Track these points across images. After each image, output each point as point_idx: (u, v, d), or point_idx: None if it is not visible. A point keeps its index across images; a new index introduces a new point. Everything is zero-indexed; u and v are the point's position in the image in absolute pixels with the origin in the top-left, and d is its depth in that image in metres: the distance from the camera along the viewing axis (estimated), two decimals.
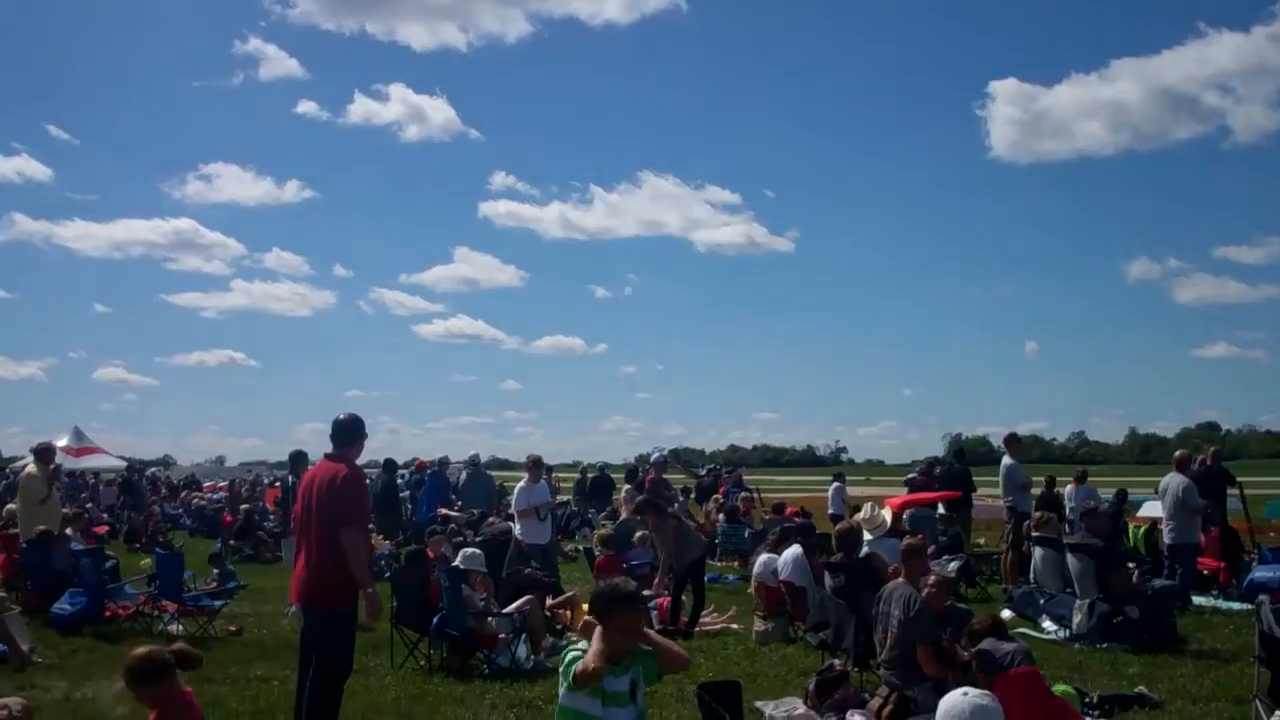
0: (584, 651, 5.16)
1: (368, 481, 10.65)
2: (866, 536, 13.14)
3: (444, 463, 28.97)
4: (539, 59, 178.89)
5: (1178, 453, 17.46)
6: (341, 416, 8.63)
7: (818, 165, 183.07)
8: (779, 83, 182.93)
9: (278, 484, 31.45)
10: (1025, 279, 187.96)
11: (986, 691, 4.54)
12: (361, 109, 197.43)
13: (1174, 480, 16.36)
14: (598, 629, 5.15)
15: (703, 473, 35.47)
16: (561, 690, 5.24)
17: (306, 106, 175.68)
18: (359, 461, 8.80)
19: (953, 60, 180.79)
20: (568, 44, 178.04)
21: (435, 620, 11.82)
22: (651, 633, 5.55)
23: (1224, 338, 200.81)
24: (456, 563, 12.25)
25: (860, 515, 14.41)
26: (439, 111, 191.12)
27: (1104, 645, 12.42)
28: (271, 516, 27.79)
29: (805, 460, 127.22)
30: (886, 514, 14.76)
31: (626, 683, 5.24)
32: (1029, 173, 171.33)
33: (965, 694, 4.51)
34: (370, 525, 14.81)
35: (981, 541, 22.80)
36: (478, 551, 13.12)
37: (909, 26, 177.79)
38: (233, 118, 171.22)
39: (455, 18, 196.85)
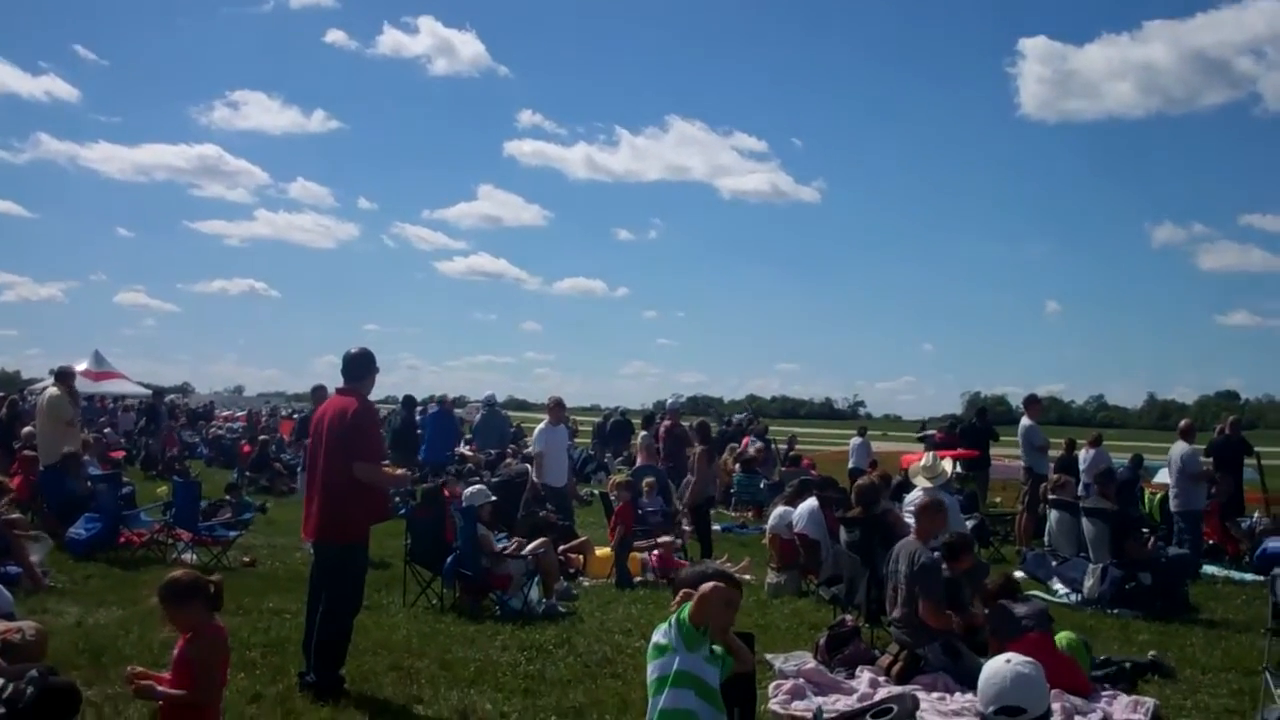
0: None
1: (383, 416, 10.63)
2: (925, 483, 12.99)
3: (456, 402, 28.98)
4: None
5: (1183, 421, 17.90)
6: (352, 350, 8.62)
7: (846, 116, 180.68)
8: (809, 33, 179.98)
9: (295, 415, 31.48)
10: (1049, 239, 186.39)
11: (1030, 659, 4.48)
12: (390, 40, 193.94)
13: (1177, 448, 16.80)
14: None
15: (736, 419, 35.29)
16: (672, 651, 5.50)
17: (335, 36, 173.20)
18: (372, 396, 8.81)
19: (984, 16, 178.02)
20: None
21: (449, 560, 11.83)
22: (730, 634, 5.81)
23: (1246, 306, 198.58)
24: (464, 500, 12.19)
25: (921, 463, 14.26)
26: (468, 46, 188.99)
27: (1115, 611, 12.38)
28: (289, 449, 27.87)
29: (823, 413, 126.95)
30: (947, 464, 14.64)
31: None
32: (1057, 132, 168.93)
33: (1008, 660, 4.45)
34: (387, 461, 14.85)
35: (998, 500, 22.78)
36: (482, 487, 13.04)
37: None
38: (261, 45, 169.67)
39: None
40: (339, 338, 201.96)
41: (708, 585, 5.48)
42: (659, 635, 5.60)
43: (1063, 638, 9.25)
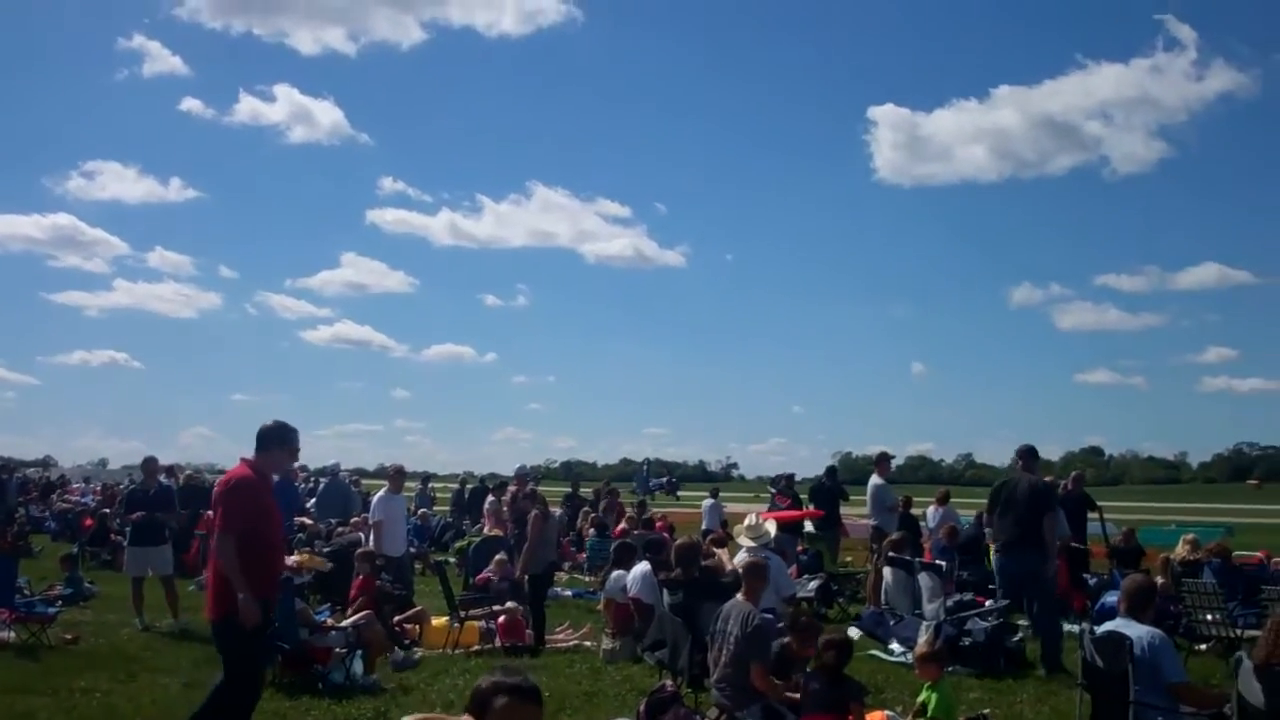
0: None
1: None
2: (749, 543, 13.05)
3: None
4: (432, 67, 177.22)
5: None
6: (266, 423, 8.51)
7: (709, 182, 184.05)
8: (671, 99, 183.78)
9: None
10: (912, 301, 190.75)
11: None
12: (247, 108, 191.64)
13: None
14: None
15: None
16: None
17: (191, 104, 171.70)
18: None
19: (837, 84, 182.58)
20: (462, 53, 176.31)
21: (269, 632, 11.45)
22: None
23: (1105, 364, 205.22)
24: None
25: (745, 524, 14.39)
26: (327, 114, 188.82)
27: (950, 669, 12.41)
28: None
29: (696, 476, 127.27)
30: (771, 525, 14.72)
31: None
32: (913, 196, 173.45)
33: None
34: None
35: (849, 560, 22.88)
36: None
37: (798, 47, 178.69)
38: (115, 114, 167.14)
39: (346, 23, 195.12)
40: (205, 408, 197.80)
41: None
42: None
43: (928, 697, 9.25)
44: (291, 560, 13.50)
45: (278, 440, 8.40)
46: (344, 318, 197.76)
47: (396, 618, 13.76)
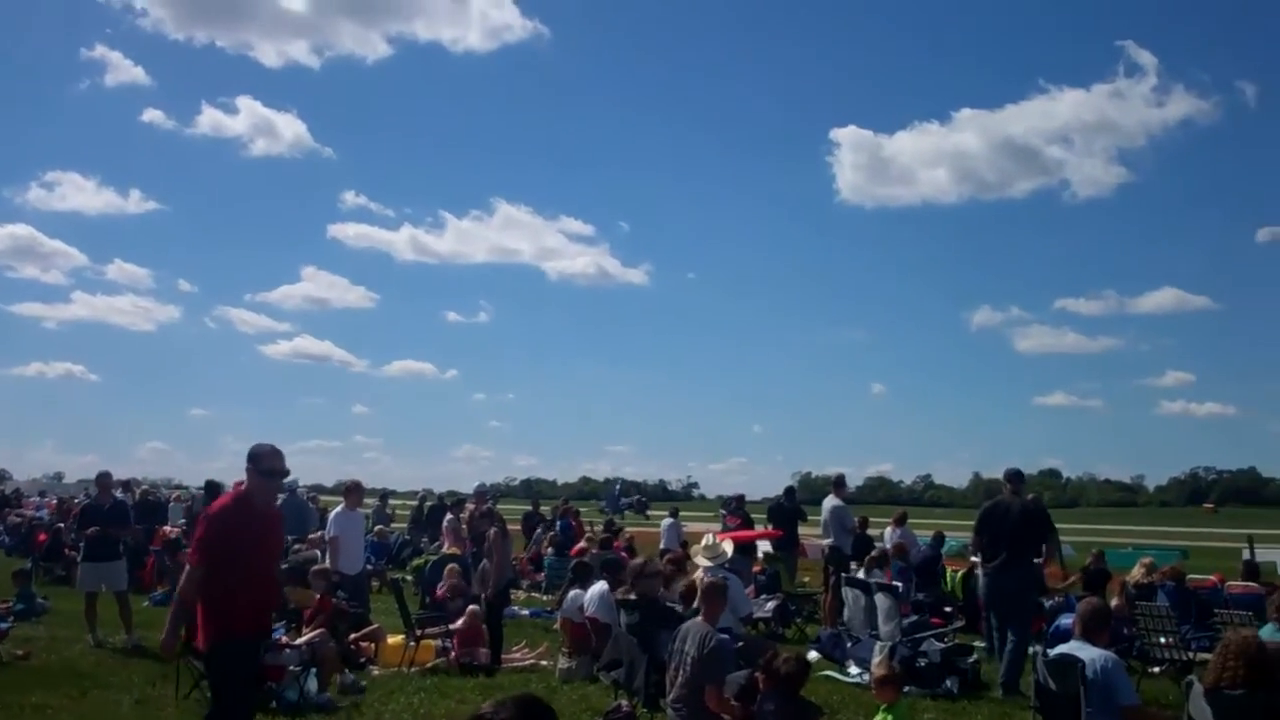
0: None
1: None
2: (706, 563, 13.09)
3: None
4: (396, 82, 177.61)
5: None
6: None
7: (673, 201, 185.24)
8: (635, 119, 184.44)
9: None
10: (872, 322, 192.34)
11: None
12: (209, 120, 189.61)
13: None
14: None
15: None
16: None
17: (152, 115, 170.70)
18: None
19: (802, 105, 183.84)
20: (427, 69, 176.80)
21: None
22: None
23: (1063, 387, 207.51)
24: None
25: (702, 543, 14.41)
26: (290, 127, 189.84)
27: (906, 690, 12.44)
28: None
29: (657, 495, 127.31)
30: (728, 546, 14.74)
31: None
32: (875, 217, 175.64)
33: None
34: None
35: (806, 580, 22.92)
36: None
37: (765, 67, 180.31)
38: (76, 125, 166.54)
39: (311, 36, 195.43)
40: (162, 423, 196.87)
41: None
42: None
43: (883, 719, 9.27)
44: None
45: (249, 460, 7.84)
46: (304, 332, 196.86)
47: (352, 635, 13.67)
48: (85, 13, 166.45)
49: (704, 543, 14.17)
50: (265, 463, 7.78)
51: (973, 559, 20.46)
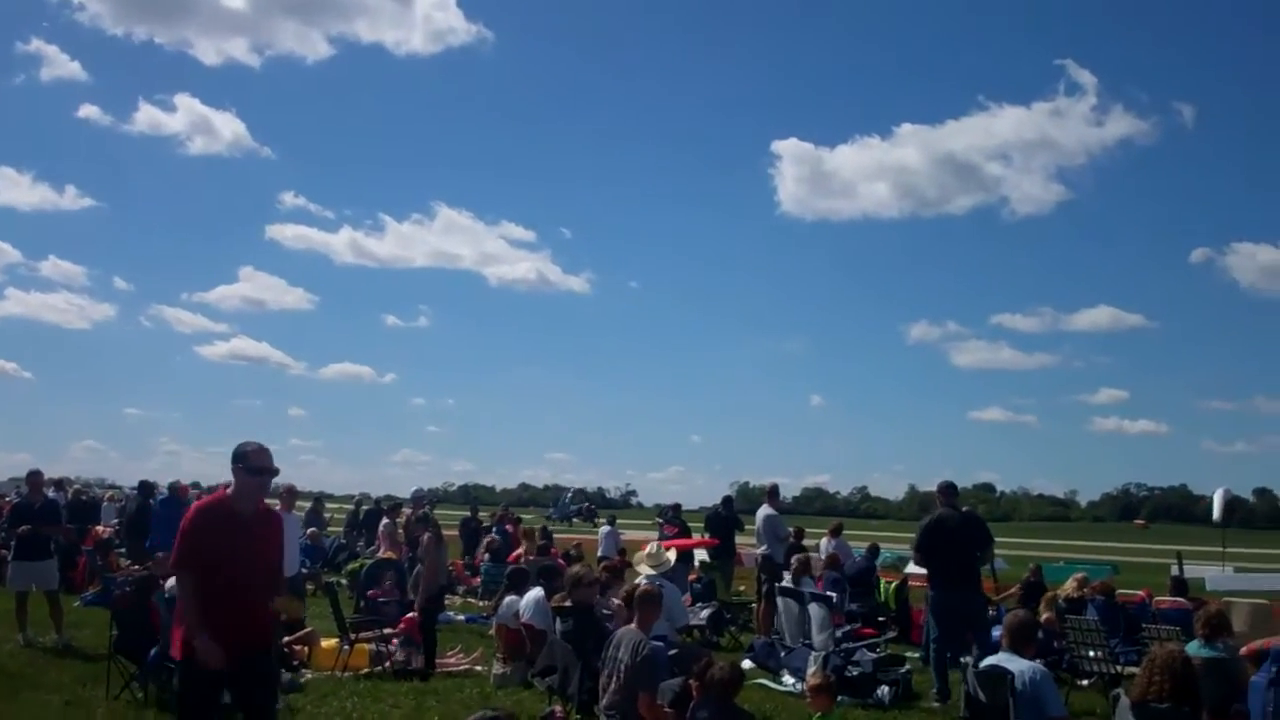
0: None
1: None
2: (649, 571, 13.12)
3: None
4: (337, 83, 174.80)
5: None
6: None
7: (615, 209, 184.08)
8: (577, 125, 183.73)
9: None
10: (811, 334, 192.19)
11: None
12: (146, 117, 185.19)
13: None
14: None
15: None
16: None
17: (89, 111, 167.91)
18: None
19: (745, 116, 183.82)
20: (369, 70, 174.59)
21: (153, 651, 11.28)
22: None
23: (999, 402, 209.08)
24: (168, 590, 11.62)
25: (645, 551, 14.47)
26: (228, 125, 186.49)
27: (839, 699, 12.54)
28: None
29: (596, 502, 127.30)
30: (671, 554, 14.81)
31: None
32: (815, 230, 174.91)
33: None
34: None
35: (742, 589, 23.00)
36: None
37: (708, 77, 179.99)
38: (10, 119, 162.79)
39: (250, 34, 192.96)
40: (96, 422, 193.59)
41: None
42: None
43: None
44: None
45: (235, 460, 7.43)
46: (241, 333, 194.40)
47: (286, 639, 13.57)
48: (22, 5, 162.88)
49: (648, 550, 14.23)
50: (253, 460, 7.42)
51: (908, 571, 20.72)
